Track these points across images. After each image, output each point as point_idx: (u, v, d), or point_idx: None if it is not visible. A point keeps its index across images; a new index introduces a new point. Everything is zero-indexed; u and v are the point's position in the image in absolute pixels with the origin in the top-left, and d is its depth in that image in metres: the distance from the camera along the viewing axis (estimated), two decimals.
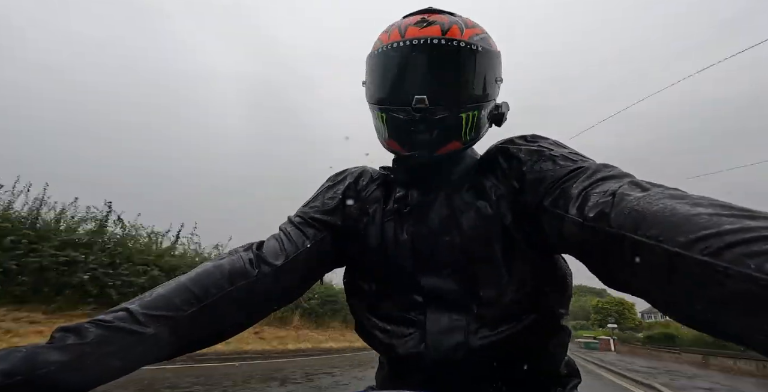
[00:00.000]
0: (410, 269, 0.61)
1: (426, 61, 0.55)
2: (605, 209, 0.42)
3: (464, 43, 0.55)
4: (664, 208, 0.36)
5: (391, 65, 0.57)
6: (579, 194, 0.47)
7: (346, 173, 0.73)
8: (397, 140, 0.58)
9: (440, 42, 0.54)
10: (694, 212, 0.34)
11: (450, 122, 0.56)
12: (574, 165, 0.52)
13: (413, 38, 0.55)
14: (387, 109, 0.57)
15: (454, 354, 0.57)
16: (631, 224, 0.38)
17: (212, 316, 0.53)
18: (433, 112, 0.54)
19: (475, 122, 0.58)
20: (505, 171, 0.59)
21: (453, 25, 0.56)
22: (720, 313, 0.30)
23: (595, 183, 0.47)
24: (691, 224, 0.33)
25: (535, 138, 0.61)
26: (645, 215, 0.37)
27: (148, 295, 0.50)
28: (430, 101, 0.53)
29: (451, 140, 0.57)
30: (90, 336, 0.43)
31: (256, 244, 0.62)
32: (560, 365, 0.66)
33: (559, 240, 0.49)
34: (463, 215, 0.60)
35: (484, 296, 0.57)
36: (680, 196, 0.38)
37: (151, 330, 0.47)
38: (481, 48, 0.56)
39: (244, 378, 5.08)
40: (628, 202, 0.40)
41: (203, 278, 0.54)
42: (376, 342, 0.64)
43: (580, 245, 0.46)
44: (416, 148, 0.57)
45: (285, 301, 0.63)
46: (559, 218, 0.48)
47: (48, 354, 0.40)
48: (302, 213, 0.68)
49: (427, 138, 0.56)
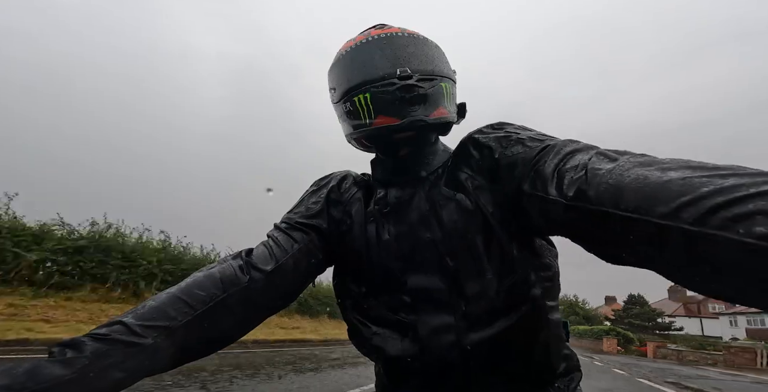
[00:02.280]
0: (395, 269, 0.61)
1: (396, 44, 0.60)
2: (581, 185, 0.42)
3: (415, 35, 0.62)
4: (636, 178, 0.36)
5: (363, 56, 0.60)
6: (553, 173, 0.47)
7: (330, 177, 0.74)
8: (389, 113, 0.58)
9: (395, 33, 0.61)
10: (666, 179, 0.34)
11: (436, 89, 0.59)
12: (542, 144, 0.52)
13: (368, 37, 0.61)
14: (370, 88, 0.58)
15: (448, 354, 0.57)
16: (610, 199, 0.38)
17: (208, 324, 0.52)
18: (420, 80, 0.58)
19: (451, 95, 0.61)
20: (478, 161, 0.59)
21: (395, 28, 0.64)
22: (717, 279, 0.31)
23: (564, 158, 0.47)
24: (666, 192, 0.33)
25: (502, 125, 0.62)
26: (620, 189, 0.37)
27: (140, 308, 0.50)
28: (414, 71, 0.58)
29: (439, 105, 0.59)
30: (88, 349, 0.43)
31: (245, 251, 0.62)
32: (559, 359, 0.65)
33: (546, 223, 0.49)
34: (443, 210, 0.60)
35: (469, 292, 0.56)
36: (648, 162, 0.38)
37: (149, 340, 0.47)
38: (426, 39, 0.63)
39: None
40: (601, 177, 0.40)
41: (195, 288, 0.54)
42: (369, 346, 0.64)
43: (567, 226, 0.45)
44: (412, 113, 0.57)
45: (280, 305, 0.63)
46: (541, 201, 0.48)
47: (50, 368, 0.40)
48: (287, 219, 0.68)
49: (420, 103, 0.57)
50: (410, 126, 0.57)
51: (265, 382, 4.44)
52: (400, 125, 0.57)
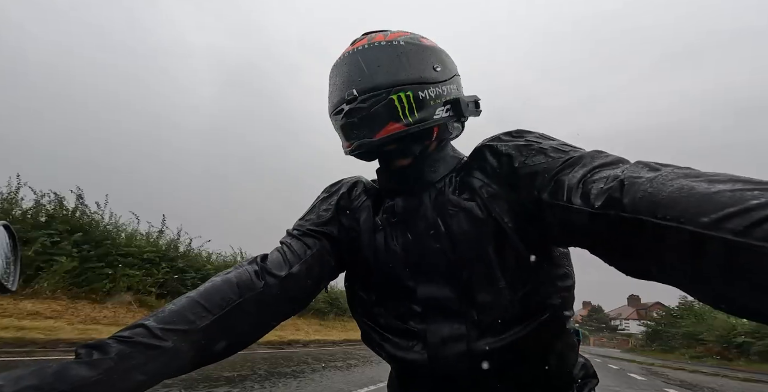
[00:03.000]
0: (405, 278, 0.62)
1: (352, 65, 0.60)
2: (614, 194, 0.40)
3: (385, 42, 0.60)
4: (681, 188, 0.35)
5: (332, 80, 0.63)
6: (578, 183, 0.46)
7: (340, 184, 0.75)
8: (346, 138, 0.61)
9: (363, 47, 0.60)
10: (714, 190, 0.33)
11: (382, 105, 0.57)
12: (566, 156, 0.51)
13: (345, 53, 0.62)
14: (332, 115, 0.62)
15: (458, 364, 0.57)
16: (647, 207, 0.36)
17: (225, 328, 0.54)
18: (363, 100, 0.57)
19: (413, 103, 0.58)
20: (495, 169, 0.59)
21: (378, 35, 0.62)
22: (757, 296, 0.29)
23: (593, 171, 0.46)
24: (713, 203, 0.31)
25: (521, 133, 0.60)
26: (660, 197, 0.35)
27: (161, 311, 0.52)
28: (359, 92, 0.58)
29: (388, 121, 0.57)
30: (113, 351, 0.44)
31: (260, 257, 0.63)
32: (573, 368, 0.66)
33: (566, 233, 0.48)
34: (452, 219, 0.59)
35: (481, 301, 0.56)
36: (695, 174, 0.36)
37: (170, 343, 0.48)
38: (404, 42, 0.60)
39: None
40: (640, 185, 0.38)
41: (212, 292, 0.56)
42: (381, 351, 0.66)
43: (591, 236, 0.44)
44: (357, 137, 0.59)
45: (294, 310, 0.65)
46: (563, 210, 0.47)
47: (77, 370, 0.42)
48: (299, 226, 0.70)
49: (365, 124, 0.58)
50: (360, 149, 0.59)
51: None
52: (351, 150, 0.61)
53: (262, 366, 5.59)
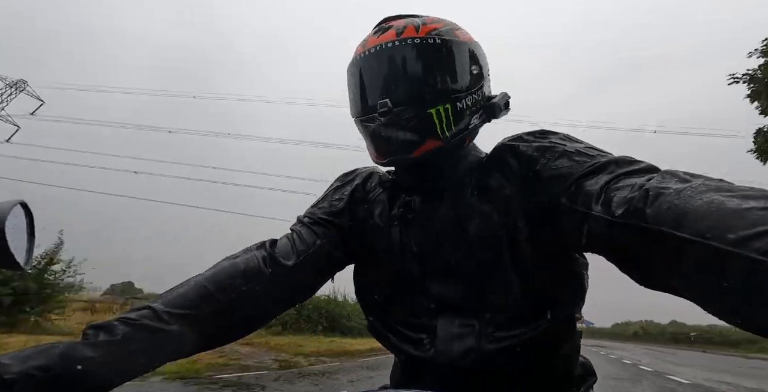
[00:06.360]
0: (418, 275, 0.61)
1: (383, 65, 0.57)
2: (638, 204, 0.39)
3: (419, 40, 0.55)
4: (710, 202, 0.34)
5: (356, 78, 0.60)
6: (601, 190, 0.45)
7: (355, 174, 0.73)
8: (375, 149, 0.60)
9: (394, 44, 0.56)
10: (745, 207, 0.32)
11: (420, 121, 0.55)
12: (592, 160, 0.50)
13: (371, 47, 0.57)
14: (360, 120, 0.60)
15: (464, 359, 0.57)
16: (672, 219, 0.35)
17: (230, 314, 0.54)
18: (399, 113, 0.54)
19: (451, 117, 0.56)
20: (515, 170, 0.57)
21: (408, 26, 0.57)
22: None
23: (618, 178, 0.45)
24: (742, 220, 0.31)
25: (545, 133, 0.59)
26: (687, 210, 0.34)
27: (169, 294, 0.52)
28: (394, 103, 0.54)
29: (426, 139, 0.56)
30: (119, 333, 0.45)
31: (269, 242, 0.63)
32: (574, 367, 0.66)
33: (584, 240, 0.47)
34: (469, 220, 0.58)
35: (492, 302, 0.57)
36: (726, 188, 0.35)
37: (175, 327, 0.48)
38: (440, 40, 0.56)
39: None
40: (667, 196, 0.37)
41: (220, 277, 0.55)
42: (388, 343, 0.66)
43: (609, 244, 0.44)
44: (393, 153, 0.57)
45: (299, 299, 0.65)
46: (581, 216, 0.46)
47: (83, 350, 0.42)
48: (310, 214, 0.69)
49: (401, 141, 0.56)
50: (393, 164, 0.59)
51: None
52: (384, 163, 0.59)
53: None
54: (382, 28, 0.59)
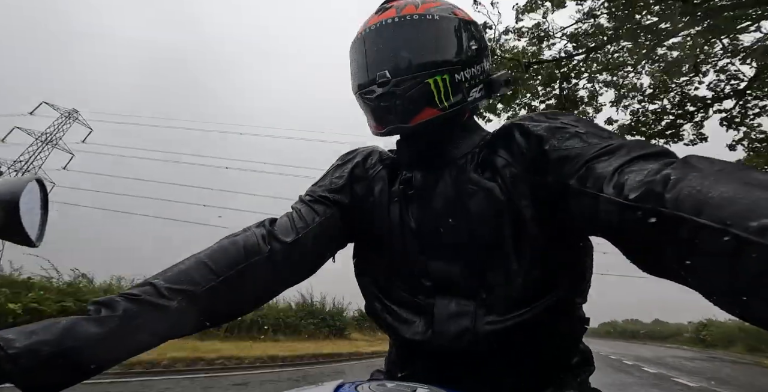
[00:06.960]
0: (417, 252, 0.61)
1: (383, 40, 0.58)
2: (657, 188, 0.37)
3: (418, 16, 0.57)
4: (733, 189, 0.32)
5: (357, 54, 0.61)
6: (614, 173, 0.43)
7: (356, 152, 0.73)
8: (375, 120, 0.61)
9: (393, 20, 0.57)
10: None
11: (417, 90, 0.56)
12: (604, 143, 0.49)
13: (371, 25, 0.59)
14: (361, 94, 0.61)
15: (460, 340, 0.56)
16: (692, 205, 0.34)
17: (229, 291, 0.54)
18: (397, 84, 0.56)
19: (449, 87, 0.57)
20: (522, 149, 0.56)
21: (408, 5, 0.59)
22: None
23: (631, 161, 0.43)
24: (765, 209, 0.30)
25: (556, 114, 0.58)
26: (709, 196, 0.33)
27: (169, 270, 0.52)
28: (392, 74, 0.56)
29: (424, 107, 0.57)
30: (120, 309, 0.45)
31: (268, 220, 0.63)
32: (572, 353, 0.66)
33: (590, 223, 0.47)
34: (471, 198, 0.58)
35: (490, 281, 0.56)
36: (750, 175, 0.34)
37: (175, 304, 0.49)
38: (438, 16, 0.57)
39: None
40: (688, 181, 0.36)
41: (219, 254, 0.56)
42: (384, 324, 0.65)
43: (617, 229, 0.43)
44: (391, 122, 0.58)
45: (299, 277, 0.64)
46: (590, 198, 0.45)
47: (86, 326, 0.43)
48: (311, 192, 0.69)
49: (399, 110, 0.57)
50: (391, 133, 0.60)
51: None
52: (383, 133, 0.60)
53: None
54: (383, 8, 0.61)
